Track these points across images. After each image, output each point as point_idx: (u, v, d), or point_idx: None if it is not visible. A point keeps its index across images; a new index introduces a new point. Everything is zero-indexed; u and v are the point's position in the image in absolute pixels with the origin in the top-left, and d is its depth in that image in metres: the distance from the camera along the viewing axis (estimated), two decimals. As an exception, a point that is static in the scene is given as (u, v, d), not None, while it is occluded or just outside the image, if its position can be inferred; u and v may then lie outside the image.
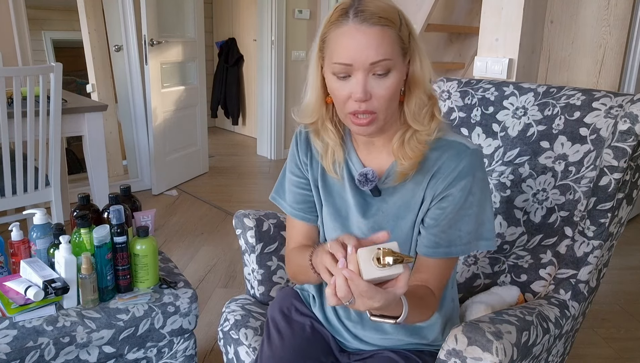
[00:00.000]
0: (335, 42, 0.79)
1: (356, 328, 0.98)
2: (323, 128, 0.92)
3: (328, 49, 0.82)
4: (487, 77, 1.95)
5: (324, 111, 0.90)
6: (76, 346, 1.17)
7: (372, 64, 0.77)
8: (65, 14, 4.54)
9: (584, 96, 1.14)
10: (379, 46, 0.76)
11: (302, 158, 0.99)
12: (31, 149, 1.96)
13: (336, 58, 0.79)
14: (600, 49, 1.99)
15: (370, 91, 0.78)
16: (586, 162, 1.11)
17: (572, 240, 1.09)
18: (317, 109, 0.90)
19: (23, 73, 1.92)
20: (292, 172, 1.02)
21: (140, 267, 1.27)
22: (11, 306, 1.16)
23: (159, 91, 3.41)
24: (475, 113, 1.29)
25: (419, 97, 0.83)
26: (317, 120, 0.91)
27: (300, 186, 1.00)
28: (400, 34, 0.79)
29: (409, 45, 0.81)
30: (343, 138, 0.94)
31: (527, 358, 0.88)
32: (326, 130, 0.92)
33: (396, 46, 0.78)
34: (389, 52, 0.77)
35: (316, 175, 0.97)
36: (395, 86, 0.80)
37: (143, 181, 3.56)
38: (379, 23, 0.76)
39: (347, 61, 0.78)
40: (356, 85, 0.78)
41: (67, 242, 1.19)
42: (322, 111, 0.90)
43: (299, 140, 1.00)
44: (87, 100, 2.66)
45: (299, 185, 1.00)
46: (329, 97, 0.87)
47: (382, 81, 0.78)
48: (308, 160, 0.99)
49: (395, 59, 0.78)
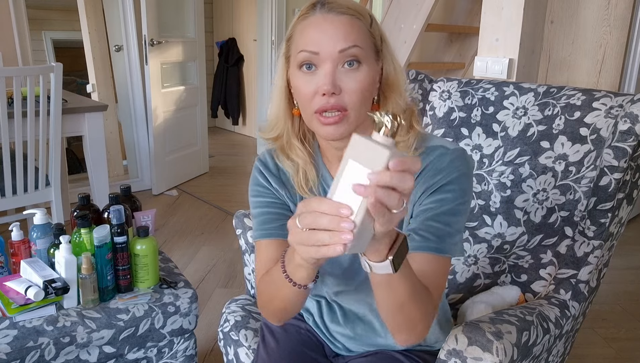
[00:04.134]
0: (301, 33, 0.73)
1: (349, 343, 0.96)
2: (289, 146, 0.82)
3: (293, 45, 0.75)
4: (488, 77, 1.95)
5: (289, 125, 0.81)
6: (76, 346, 1.17)
7: (341, 52, 0.70)
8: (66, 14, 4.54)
9: (584, 96, 1.14)
10: (347, 33, 0.70)
11: (274, 186, 0.86)
12: (31, 149, 1.96)
13: (302, 46, 0.72)
14: (601, 49, 1.98)
15: (339, 84, 0.71)
16: (586, 162, 1.11)
17: (572, 240, 1.09)
18: (282, 120, 0.81)
19: (23, 73, 1.92)
20: (259, 203, 0.87)
21: (140, 267, 1.27)
22: (11, 306, 1.16)
23: (159, 91, 3.41)
24: (475, 113, 1.29)
25: (396, 103, 0.77)
26: (283, 135, 0.82)
27: (271, 206, 0.86)
28: (370, 30, 0.74)
29: (381, 47, 0.76)
30: (313, 155, 0.84)
31: (527, 358, 0.88)
32: (293, 148, 0.82)
33: (367, 40, 0.73)
34: (359, 40, 0.71)
35: (296, 199, 0.86)
36: (368, 81, 0.73)
37: (143, 181, 3.56)
38: (347, 13, 0.72)
39: (313, 48, 0.71)
40: (323, 77, 0.71)
41: (67, 242, 1.19)
42: (288, 124, 0.81)
43: (263, 170, 0.87)
44: (87, 100, 2.66)
45: (270, 205, 0.86)
46: (296, 109, 0.79)
47: (352, 74, 0.71)
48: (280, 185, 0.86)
49: (365, 50, 0.72)
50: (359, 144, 0.49)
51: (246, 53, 5.29)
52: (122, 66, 3.42)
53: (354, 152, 0.49)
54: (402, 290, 0.65)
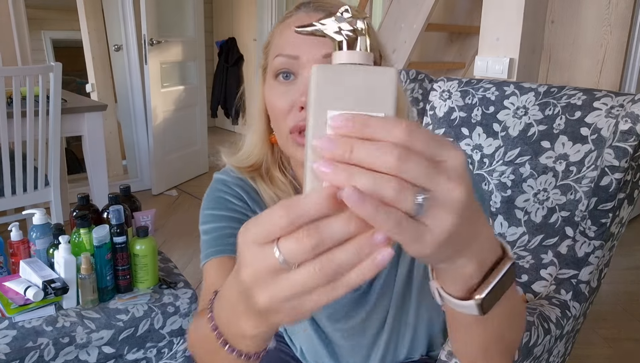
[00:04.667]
0: (280, 36, 0.62)
1: None
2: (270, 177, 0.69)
3: (271, 51, 0.63)
4: (488, 76, 1.94)
5: (269, 153, 0.68)
6: (76, 346, 1.17)
7: (325, 57, 0.57)
8: (65, 13, 4.53)
9: (584, 95, 1.14)
10: None
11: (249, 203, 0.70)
12: (31, 149, 1.96)
13: (279, 50, 0.60)
14: (601, 49, 1.98)
15: None
16: (587, 162, 1.10)
17: (573, 240, 1.09)
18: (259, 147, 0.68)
19: (22, 73, 1.92)
20: (217, 217, 0.69)
21: (139, 267, 1.27)
22: (11, 307, 1.15)
23: (158, 91, 3.40)
24: (475, 113, 1.29)
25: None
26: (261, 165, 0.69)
27: (234, 221, 0.68)
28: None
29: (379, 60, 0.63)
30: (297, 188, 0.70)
31: (528, 358, 0.88)
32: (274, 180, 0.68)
33: None
34: None
35: None
36: None
37: (143, 181, 3.55)
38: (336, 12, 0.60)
39: (292, 52, 0.59)
40: (303, 87, 0.58)
41: (66, 242, 1.18)
42: (267, 152, 0.68)
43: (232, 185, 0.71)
44: (86, 100, 2.65)
45: (233, 220, 0.69)
46: (273, 135, 0.66)
47: None
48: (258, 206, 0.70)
49: None
50: (330, 76, 0.29)
51: (246, 53, 5.28)
52: (121, 66, 3.42)
53: (326, 93, 0.29)
54: (498, 323, 0.43)
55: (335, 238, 0.28)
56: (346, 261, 0.28)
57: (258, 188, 0.70)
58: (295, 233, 0.28)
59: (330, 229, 0.28)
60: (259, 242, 0.30)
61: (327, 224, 0.28)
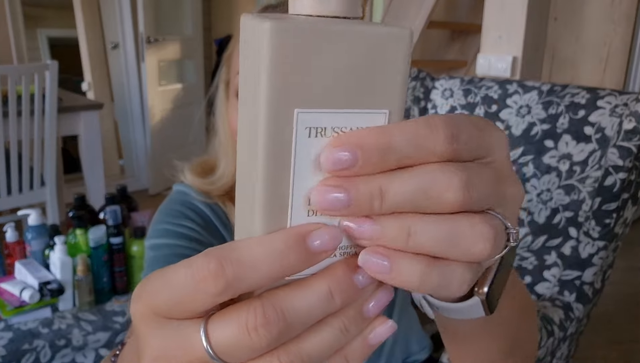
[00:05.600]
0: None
1: None
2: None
3: (233, 63, 0.56)
4: (490, 75, 1.93)
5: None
6: (72, 349, 1.16)
7: None
8: (61, 11, 4.51)
9: (588, 94, 1.13)
10: None
11: (215, 235, 0.64)
12: (26, 148, 1.95)
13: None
14: (605, 47, 1.97)
15: None
16: (591, 161, 1.09)
17: (576, 241, 1.08)
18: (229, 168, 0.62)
19: (18, 71, 1.90)
20: (173, 234, 0.63)
21: (137, 269, 1.26)
22: (6, 309, 1.14)
23: (156, 89, 3.38)
24: (478, 112, 1.28)
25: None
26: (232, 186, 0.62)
27: (185, 239, 0.62)
28: None
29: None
30: None
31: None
32: None
33: None
34: None
35: None
36: None
37: (140, 180, 3.54)
38: None
39: None
40: None
41: (62, 243, 1.18)
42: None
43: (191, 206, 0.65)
44: (83, 99, 2.64)
45: (185, 239, 0.62)
46: None
47: None
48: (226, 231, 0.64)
49: None
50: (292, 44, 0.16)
51: (244, 51, 5.27)
52: (118, 64, 3.40)
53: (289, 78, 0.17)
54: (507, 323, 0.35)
55: (310, 319, 0.17)
56: (323, 351, 0.17)
57: (228, 211, 0.64)
58: (239, 309, 0.17)
59: (302, 303, 0.17)
60: (171, 316, 0.18)
61: (297, 295, 0.17)
